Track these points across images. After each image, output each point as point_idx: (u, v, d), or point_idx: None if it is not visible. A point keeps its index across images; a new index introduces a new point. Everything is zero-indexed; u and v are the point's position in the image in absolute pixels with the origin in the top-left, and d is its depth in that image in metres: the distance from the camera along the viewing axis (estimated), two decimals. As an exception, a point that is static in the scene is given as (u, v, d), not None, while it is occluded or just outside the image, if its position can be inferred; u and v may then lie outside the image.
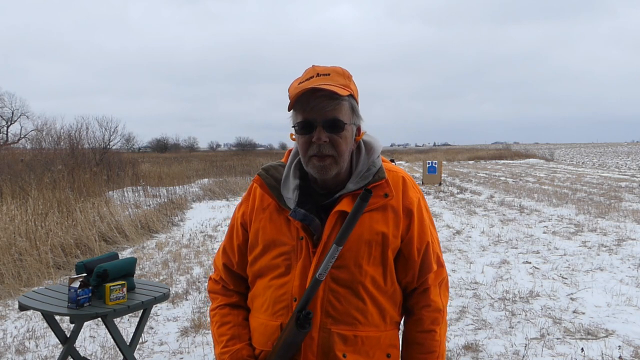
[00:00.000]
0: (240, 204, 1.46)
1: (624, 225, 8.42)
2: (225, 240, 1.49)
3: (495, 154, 43.88)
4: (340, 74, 1.31)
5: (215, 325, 1.45)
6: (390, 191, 1.33)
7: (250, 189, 1.45)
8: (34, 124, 33.77)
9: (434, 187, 16.16)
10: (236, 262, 1.45)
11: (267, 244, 1.35)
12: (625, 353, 3.57)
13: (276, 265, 1.34)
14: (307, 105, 1.25)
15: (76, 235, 6.95)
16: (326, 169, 1.27)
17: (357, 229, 1.27)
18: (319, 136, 1.25)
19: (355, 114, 1.32)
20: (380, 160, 1.38)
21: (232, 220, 1.48)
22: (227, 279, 1.49)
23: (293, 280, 1.30)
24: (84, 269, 3.01)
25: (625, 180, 17.45)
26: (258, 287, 1.40)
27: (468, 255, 6.66)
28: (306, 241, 1.29)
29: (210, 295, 1.53)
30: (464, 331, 4.07)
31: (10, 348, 3.92)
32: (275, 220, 1.35)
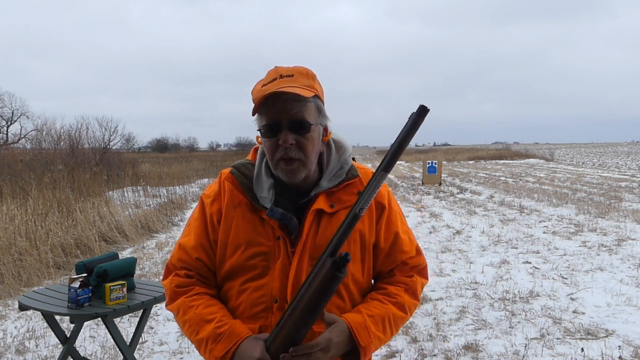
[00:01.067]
0: (213, 200, 1.37)
1: (624, 225, 8.42)
2: (196, 236, 1.37)
3: (495, 154, 43.88)
4: (304, 75, 1.30)
5: (197, 308, 1.30)
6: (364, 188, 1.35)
7: (219, 185, 1.39)
8: (34, 124, 33.82)
9: (434, 187, 16.15)
10: (215, 260, 1.36)
11: (240, 243, 1.31)
12: (625, 353, 3.57)
13: (252, 266, 1.30)
14: (273, 108, 1.24)
15: (76, 235, 6.95)
16: (294, 172, 1.27)
17: (335, 227, 1.26)
18: (285, 138, 1.24)
19: (322, 114, 1.32)
20: (350, 159, 1.40)
21: (202, 216, 1.38)
22: (207, 275, 1.37)
23: (272, 281, 1.28)
24: (84, 269, 3.01)
25: (625, 180, 17.45)
26: (229, 290, 1.34)
27: (468, 255, 6.66)
28: (284, 241, 1.28)
29: (176, 290, 1.34)
30: (464, 331, 4.07)
31: (10, 348, 3.92)
32: (248, 219, 1.32)
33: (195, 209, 1.44)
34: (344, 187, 1.34)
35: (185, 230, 1.43)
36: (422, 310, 4.61)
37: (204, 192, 1.43)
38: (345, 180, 1.34)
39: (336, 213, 1.31)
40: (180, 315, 1.33)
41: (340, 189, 1.34)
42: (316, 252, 1.27)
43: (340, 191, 1.34)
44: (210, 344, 1.25)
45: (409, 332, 4.09)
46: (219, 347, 1.23)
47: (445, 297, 4.94)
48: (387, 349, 3.76)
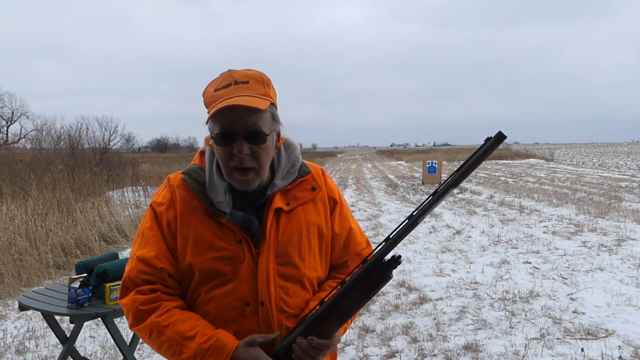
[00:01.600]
0: (167, 207, 1.32)
1: (624, 225, 8.42)
2: (156, 246, 1.30)
3: (495, 154, 43.80)
4: (259, 82, 1.28)
5: (174, 325, 1.24)
6: (317, 184, 1.39)
7: (170, 191, 1.34)
8: (34, 124, 33.83)
9: (434, 187, 16.16)
10: (177, 268, 1.31)
11: (202, 249, 1.28)
12: (625, 353, 3.57)
13: (217, 272, 1.27)
14: (228, 118, 1.22)
15: (76, 235, 6.95)
16: (249, 182, 1.27)
17: (295, 224, 1.32)
18: (240, 149, 1.22)
19: (276, 120, 1.31)
20: (300, 156, 1.41)
21: (157, 225, 1.32)
22: (171, 285, 1.31)
23: (241, 285, 1.27)
24: (84, 269, 3.01)
25: (625, 180, 17.45)
26: (195, 299, 1.31)
27: (468, 255, 6.66)
28: (247, 243, 1.28)
29: (141, 308, 1.26)
30: (464, 331, 4.07)
31: (10, 348, 3.92)
32: (207, 224, 1.29)
33: (145, 218, 1.36)
34: (298, 185, 1.37)
35: (138, 242, 1.34)
36: (422, 310, 4.61)
37: (154, 200, 1.36)
38: (298, 177, 1.37)
39: (293, 210, 1.34)
40: (155, 337, 1.26)
41: (294, 186, 1.36)
42: (280, 250, 1.30)
43: (294, 189, 1.36)
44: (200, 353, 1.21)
45: (409, 332, 4.09)
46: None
47: (445, 297, 4.94)
48: (387, 349, 3.76)
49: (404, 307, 4.70)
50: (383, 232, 8.51)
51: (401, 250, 7.06)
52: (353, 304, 1.18)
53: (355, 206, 12.15)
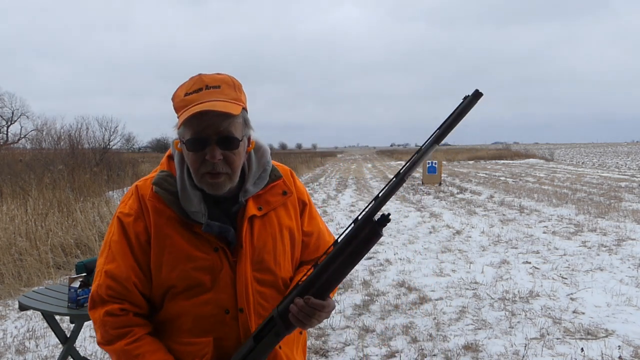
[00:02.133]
0: (135, 218, 1.28)
1: (623, 225, 8.42)
2: (124, 260, 1.27)
3: (495, 154, 43.87)
4: (230, 86, 1.26)
5: (142, 357, 1.24)
6: (288, 188, 1.40)
7: (138, 201, 1.30)
8: (34, 124, 33.86)
9: (434, 187, 16.15)
10: (150, 284, 1.29)
11: (179, 260, 1.26)
12: (625, 353, 3.57)
13: (195, 282, 1.26)
14: (199, 123, 1.20)
15: (76, 235, 6.95)
16: (220, 186, 1.25)
17: (268, 229, 1.32)
18: (212, 154, 1.21)
19: (247, 125, 1.30)
20: (271, 160, 1.40)
21: (124, 237, 1.28)
22: (140, 303, 1.30)
23: (219, 293, 1.27)
24: (84, 269, 3.01)
25: (625, 180, 17.45)
26: (170, 310, 1.29)
27: (468, 255, 6.67)
28: (223, 251, 1.28)
29: (111, 332, 1.25)
30: (464, 331, 4.07)
31: (10, 348, 3.92)
32: (182, 234, 1.27)
33: (111, 229, 1.32)
34: (269, 189, 1.36)
35: (105, 254, 1.30)
36: (422, 310, 4.61)
37: (120, 210, 1.32)
38: (269, 182, 1.37)
39: (266, 215, 1.34)
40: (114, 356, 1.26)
41: (266, 191, 1.36)
42: (256, 257, 1.31)
43: (266, 193, 1.36)
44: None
45: (409, 332, 4.09)
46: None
47: (445, 297, 4.95)
48: (387, 349, 3.76)
49: (404, 307, 4.70)
50: (383, 232, 8.50)
51: (401, 250, 7.07)
52: (346, 262, 1.16)
53: (355, 206, 12.15)
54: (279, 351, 1.34)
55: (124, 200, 1.34)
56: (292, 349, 1.40)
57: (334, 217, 10.33)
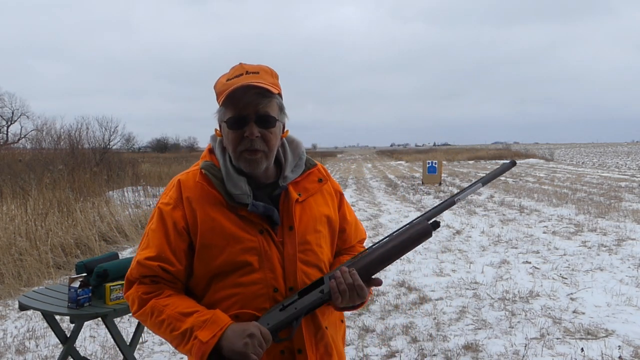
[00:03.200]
0: (174, 207, 1.34)
1: (624, 225, 8.42)
2: (157, 248, 1.32)
3: (495, 154, 43.86)
4: (268, 73, 1.35)
5: (173, 305, 1.28)
6: (324, 176, 1.46)
7: (178, 191, 1.35)
8: (34, 124, 33.85)
9: (434, 187, 16.15)
10: (182, 269, 1.34)
11: (228, 241, 1.30)
12: (625, 353, 3.57)
13: (243, 263, 1.31)
14: (240, 101, 1.28)
15: (76, 235, 6.95)
16: (257, 162, 1.32)
17: (309, 213, 1.38)
18: (251, 131, 1.29)
19: (283, 112, 1.38)
20: (305, 151, 1.48)
21: (162, 226, 1.33)
22: (173, 280, 1.34)
23: (268, 274, 1.31)
24: (84, 269, 3.01)
25: (625, 180, 17.45)
26: (218, 291, 1.33)
27: (468, 255, 6.67)
28: (268, 233, 1.33)
29: (143, 297, 1.31)
30: (464, 331, 4.07)
31: (10, 348, 3.92)
32: (229, 217, 1.32)
33: (151, 219, 1.38)
34: (306, 176, 1.43)
35: (142, 243, 1.37)
36: (422, 310, 4.61)
37: (161, 201, 1.38)
38: (306, 169, 1.44)
39: (305, 201, 1.40)
40: (155, 317, 1.29)
41: (303, 178, 1.42)
42: (301, 238, 1.36)
43: (303, 180, 1.42)
44: (195, 331, 1.23)
45: (409, 332, 4.09)
46: (204, 333, 1.23)
47: (445, 297, 4.95)
48: (387, 349, 3.76)
49: (404, 307, 4.70)
50: (383, 232, 8.51)
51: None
52: (395, 250, 1.33)
53: (355, 206, 12.14)
54: (326, 331, 1.39)
55: (165, 192, 1.40)
56: (336, 332, 1.45)
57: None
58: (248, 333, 1.22)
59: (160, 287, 1.33)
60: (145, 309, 1.31)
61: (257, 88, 1.28)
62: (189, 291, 1.39)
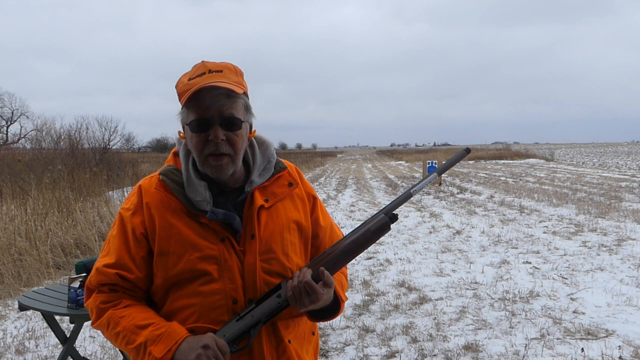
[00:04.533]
0: (133, 213, 1.30)
1: (624, 225, 8.42)
2: (116, 254, 1.29)
3: (495, 154, 43.87)
4: (232, 71, 1.30)
5: (129, 317, 1.25)
6: (294, 180, 1.41)
7: (139, 196, 1.32)
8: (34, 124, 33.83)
9: (434, 187, 16.15)
10: (142, 276, 1.29)
11: (185, 249, 1.26)
12: (626, 353, 3.57)
13: (202, 272, 1.26)
14: (203, 103, 1.23)
15: (76, 235, 6.95)
16: (223, 168, 1.26)
17: (275, 220, 1.33)
18: (216, 134, 1.23)
19: (249, 111, 1.32)
20: (275, 153, 1.42)
21: (122, 232, 1.30)
22: (131, 288, 1.31)
23: (227, 283, 1.26)
24: (84, 269, 3.00)
25: (626, 180, 17.44)
26: (175, 301, 1.28)
27: (468, 255, 6.66)
28: (229, 241, 1.28)
29: (101, 306, 1.28)
30: (464, 331, 4.07)
31: (10, 348, 3.92)
32: (188, 224, 1.27)
33: (114, 225, 1.34)
34: (275, 180, 1.38)
35: (103, 249, 1.34)
36: (422, 310, 4.61)
37: (123, 206, 1.34)
38: (275, 173, 1.38)
39: (273, 206, 1.34)
40: (111, 328, 1.26)
41: (271, 182, 1.37)
42: (263, 247, 1.30)
43: (272, 185, 1.37)
44: (149, 346, 1.20)
45: (409, 332, 4.09)
46: (159, 348, 1.19)
47: (445, 297, 4.94)
48: (387, 349, 3.76)
49: (404, 307, 4.70)
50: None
51: (401, 250, 7.06)
52: (357, 244, 1.29)
53: (355, 206, 12.15)
54: (288, 345, 1.33)
55: (128, 197, 1.36)
56: (302, 346, 1.39)
57: (334, 217, 10.32)
58: (202, 344, 1.18)
59: (119, 297, 1.29)
60: (102, 320, 1.27)
61: (221, 88, 1.22)
62: (150, 300, 1.35)
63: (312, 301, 1.23)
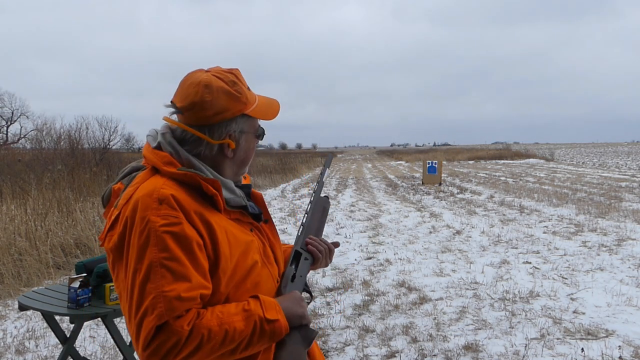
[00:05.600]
0: (184, 226, 1.16)
1: (624, 225, 8.42)
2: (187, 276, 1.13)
3: (495, 154, 43.88)
4: None
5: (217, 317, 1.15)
6: None
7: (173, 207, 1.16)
8: (34, 124, 33.84)
9: (434, 187, 16.15)
10: (212, 287, 1.19)
11: (240, 247, 1.26)
12: (625, 353, 3.57)
13: (254, 263, 1.29)
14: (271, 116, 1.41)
15: (76, 235, 6.95)
16: None
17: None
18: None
19: None
20: None
21: (179, 248, 1.14)
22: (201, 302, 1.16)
23: (270, 267, 1.36)
24: (84, 269, 3.00)
25: (626, 180, 17.45)
26: (242, 296, 1.25)
27: (468, 255, 6.66)
28: (257, 229, 1.38)
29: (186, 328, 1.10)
30: (464, 331, 4.07)
31: (10, 348, 3.92)
32: (231, 223, 1.29)
33: (155, 248, 1.13)
34: None
35: (158, 279, 1.11)
36: (422, 310, 4.61)
37: (159, 224, 1.14)
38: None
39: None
40: (213, 337, 1.13)
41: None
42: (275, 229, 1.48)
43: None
44: (263, 315, 1.18)
45: (409, 332, 4.09)
46: (272, 313, 1.21)
47: (445, 297, 4.94)
48: (387, 349, 3.76)
49: (404, 307, 4.70)
50: (383, 232, 8.51)
51: (401, 250, 7.06)
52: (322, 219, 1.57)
53: (355, 206, 12.14)
54: None
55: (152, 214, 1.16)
56: None
57: (334, 217, 10.32)
58: (299, 298, 1.33)
59: (194, 312, 1.13)
60: (193, 338, 1.11)
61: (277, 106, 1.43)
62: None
63: (330, 260, 1.52)
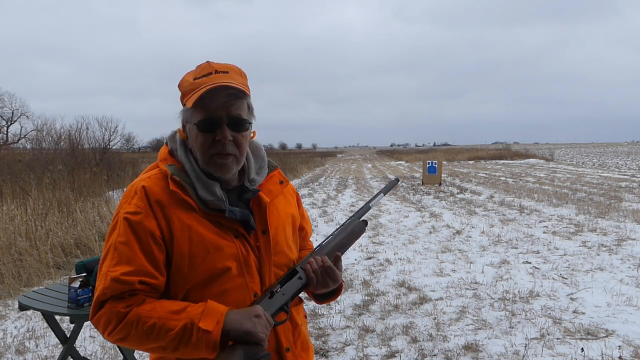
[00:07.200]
0: (146, 216, 1.22)
1: (624, 225, 8.42)
2: (131, 262, 1.19)
3: (495, 154, 43.87)
4: (238, 73, 1.32)
5: (160, 308, 1.18)
6: (284, 178, 1.47)
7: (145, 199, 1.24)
8: (34, 124, 33.83)
9: (434, 187, 16.15)
10: (164, 280, 1.24)
11: (207, 249, 1.24)
12: (625, 353, 3.57)
13: (224, 269, 1.25)
14: (212, 102, 1.23)
15: (76, 235, 6.95)
16: (228, 167, 1.28)
17: (276, 215, 1.38)
18: (224, 134, 1.24)
19: (252, 113, 1.34)
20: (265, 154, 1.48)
21: (134, 237, 1.21)
22: (151, 292, 1.22)
23: (248, 279, 1.28)
24: (84, 268, 3.00)
25: (625, 180, 17.45)
26: (201, 299, 1.24)
27: (468, 255, 6.66)
28: (245, 238, 1.30)
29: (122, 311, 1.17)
30: (464, 331, 4.07)
31: (10, 348, 3.92)
32: (204, 224, 1.26)
33: (116, 231, 1.23)
34: (269, 179, 1.43)
35: (109, 258, 1.21)
36: (422, 310, 4.61)
37: (125, 210, 1.24)
38: (269, 172, 1.44)
39: (271, 203, 1.39)
40: (142, 325, 1.16)
41: (266, 180, 1.42)
42: (273, 242, 1.35)
43: (267, 183, 1.42)
44: (196, 323, 1.15)
45: (409, 332, 4.09)
46: (207, 322, 1.15)
47: (445, 297, 4.94)
48: (387, 349, 3.76)
49: (404, 307, 4.70)
50: (383, 232, 8.51)
51: (401, 250, 7.06)
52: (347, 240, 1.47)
53: (355, 206, 12.14)
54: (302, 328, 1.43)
55: (126, 201, 1.26)
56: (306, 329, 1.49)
57: (334, 217, 10.33)
58: (255, 314, 1.19)
59: (140, 298, 1.20)
60: (126, 321, 1.17)
61: (231, 89, 1.23)
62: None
63: (334, 281, 1.37)
